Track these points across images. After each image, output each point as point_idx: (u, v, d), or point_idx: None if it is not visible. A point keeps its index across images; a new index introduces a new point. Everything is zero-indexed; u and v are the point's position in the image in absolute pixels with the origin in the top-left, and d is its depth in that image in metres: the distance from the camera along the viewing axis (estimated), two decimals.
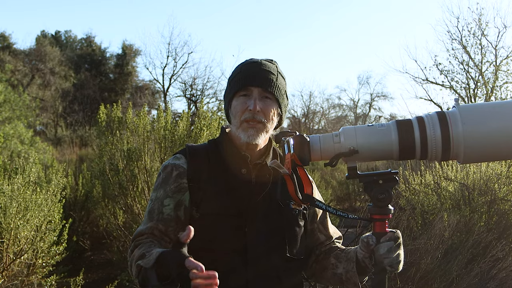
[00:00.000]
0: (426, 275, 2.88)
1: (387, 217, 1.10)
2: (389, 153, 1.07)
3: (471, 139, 1.01)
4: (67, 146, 12.16)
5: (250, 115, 1.19)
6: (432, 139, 1.03)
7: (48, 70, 19.41)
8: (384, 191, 1.08)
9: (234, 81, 1.25)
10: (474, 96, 10.12)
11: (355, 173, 1.10)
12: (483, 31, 10.30)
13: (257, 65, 1.24)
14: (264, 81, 1.21)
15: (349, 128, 1.09)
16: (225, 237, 1.18)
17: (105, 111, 4.06)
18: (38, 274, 3.22)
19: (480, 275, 2.95)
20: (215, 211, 1.19)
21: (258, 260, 1.18)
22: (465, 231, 3.16)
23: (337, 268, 1.26)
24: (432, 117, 1.04)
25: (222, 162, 1.25)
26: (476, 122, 1.02)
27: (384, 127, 1.08)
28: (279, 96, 1.23)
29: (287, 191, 1.22)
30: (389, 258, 1.07)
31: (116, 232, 4.05)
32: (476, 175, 3.51)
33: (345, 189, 7.44)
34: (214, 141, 1.31)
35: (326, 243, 1.34)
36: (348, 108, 27.75)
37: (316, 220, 1.34)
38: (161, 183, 1.25)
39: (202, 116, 3.64)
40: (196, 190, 1.21)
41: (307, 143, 1.09)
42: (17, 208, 3.00)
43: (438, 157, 1.05)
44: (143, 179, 3.71)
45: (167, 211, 1.21)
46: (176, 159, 1.27)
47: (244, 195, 1.21)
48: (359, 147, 1.07)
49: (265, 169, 1.24)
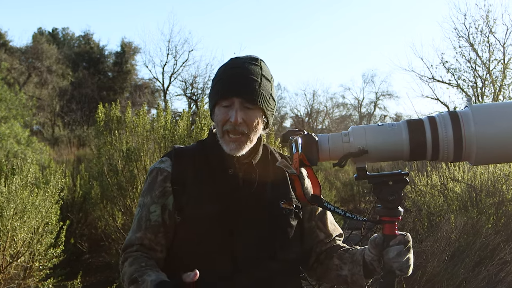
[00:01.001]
0: (433, 278, 2.87)
1: (396, 219, 1.08)
2: (400, 154, 1.06)
3: (483, 140, 0.99)
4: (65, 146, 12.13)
5: (231, 127, 1.16)
6: (444, 139, 1.01)
7: (45, 68, 19.32)
8: (394, 193, 1.07)
9: (216, 88, 1.21)
10: (481, 95, 10.05)
11: (364, 174, 1.08)
12: (490, 29, 10.17)
13: (239, 72, 1.18)
14: (245, 91, 1.16)
15: (359, 128, 1.08)
16: (213, 242, 1.15)
17: (103, 110, 4.03)
18: (35, 277, 3.23)
19: (488, 279, 2.94)
20: (201, 215, 1.16)
21: (248, 265, 1.15)
22: (472, 233, 3.16)
23: (342, 270, 1.22)
24: (444, 117, 1.03)
25: (208, 163, 1.23)
26: (489, 122, 1.00)
27: (394, 127, 1.06)
28: (263, 103, 1.18)
29: (282, 190, 1.23)
30: (398, 262, 1.05)
31: (115, 234, 4.03)
32: (484, 176, 3.50)
33: (349, 190, 7.40)
34: (202, 142, 1.30)
35: (326, 241, 1.30)
36: (353, 107, 27.58)
37: (314, 217, 1.30)
38: (147, 188, 1.24)
39: (203, 115, 3.63)
40: (180, 194, 1.19)
41: (316, 142, 1.07)
42: (14, 209, 2.99)
43: (450, 158, 1.03)
44: (143, 180, 3.70)
45: (154, 217, 1.20)
46: (161, 163, 1.25)
47: (232, 196, 1.18)
48: (368, 147, 1.05)
49: (252, 168, 1.22)
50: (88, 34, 23.73)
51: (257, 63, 1.22)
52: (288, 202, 1.22)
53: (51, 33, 23.75)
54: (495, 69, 10.21)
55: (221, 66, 1.24)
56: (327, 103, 27.01)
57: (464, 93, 10.38)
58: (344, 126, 23.74)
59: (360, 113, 26.82)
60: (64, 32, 24.52)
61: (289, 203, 1.22)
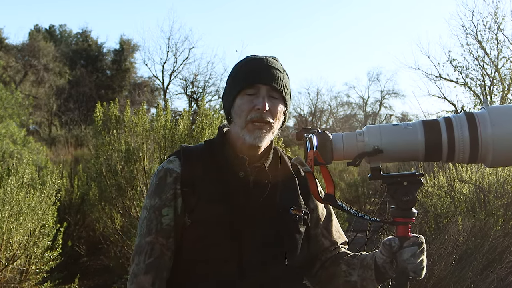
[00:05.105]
0: (440, 281, 2.86)
1: (410, 220, 1.08)
2: (415, 154, 1.06)
3: (500, 142, 0.99)
4: (62, 146, 12.05)
5: (258, 115, 1.14)
6: (460, 140, 1.01)
7: (41, 66, 19.20)
8: (409, 193, 1.07)
9: (238, 78, 1.19)
10: (490, 94, 9.94)
11: (379, 174, 1.08)
12: (499, 25, 9.96)
13: (263, 62, 1.19)
14: (272, 78, 1.17)
15: (374, 127, 1.08)
16: (220, 246, 1.13)
17: (101, 109, 3.99)
18: (31, 281, 3.22)
19: (496, 282, 2.95)
20: (209, 218, 1.14)
21: (255, 270, 1.13)
22: (480, 236, 3.16)
23: (351, 276, 1.21)
24: (460, 118, 1.02)
25: (218, 165, 1.20)
26: (506, 124, 0.99)
27: (410, 127, 1.06)
28: (286, 94, 1.20)
29: (291, 196, 1.23)
30: (413, 264, 1.04)
31: (113, 236, 3.99)
32: (492, 177, 3.50)
33: (354, 191, 7.36)
34: (210, 142, 1.26)
35: (331, 249, 1.29)
36: (357, 106, 27.31)
37: (319, 225, 1.29)
38: (155, 189, 1.20)
39: (204, 114, 3.60)
40: (190, 196, 1.16)
41: (330, 141, 1.07)
42: (9, 211, 2.96)
43: (465, 159, 1.03)
44: (142, 181, 3.65)
45: (166, 221, 1.16)
46: (170, 163, 1.21)
47: (241, 200, 1.16)
48: (383, 147, 1.05)
49: (263, 172, 1.20)
50: (86, 31, 23.62)
51: (277, 60, 1.24)
52: (297, 209, 1.21)
53: (48, 30, 23.62)
54: (503, 67, 10.04)
55: (238, 62, 1.24)
56: (331, 102, 26.81)
57: (472, 92, 10.26)
58: (348, 125, 23.68)
59: (365, 112, 26.68)
60: (62, 29, 24.41)
61: (298, 209, 1.21)
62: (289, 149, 3.59)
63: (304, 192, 1.24)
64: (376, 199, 5.08)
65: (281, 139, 3.42)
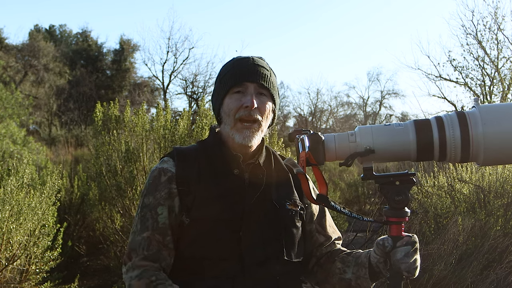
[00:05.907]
0: (440, 282, 2.84)
1: (403, 220, 1.09)
2: (407, 154, 1.06)
3: (491, 141, 1.00)
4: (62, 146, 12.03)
5: (246, 112, 1.16)
6: (451, 140, 1.02)
7: (41, 66, 19.19)
8: (401, 193, 1.08)
9: (225, 78, 1.21)
10: (490, 94, 9.92)
11: (371, 174, 1.09)
12: (499, 25, 9.95)
13: (249, 61, 1.21)
14: (259, 76, 1.19)
15: (365, 127, 1.08)
16: (219, 243, 1.14)
17: (101, 109, 3.99)
18: (31, 281, 3.20)
19: (496, 282, 2.92)
20: (207, 216, 1.15)
21: (255, 266, 1.14)
22: (480, 236, 3.15)
23: (346, 273, 1.22)
24: (452, 117, 1.03)
25: (212, 164, 1.21)
26: (497, 122, 1.00)
27: (401, 127, 1.06)
28: (273, 92, 1.22)
29: (286, 191, 1.23)
30: (406, 263, 1.05)
31: (113, 236, 3.98)
32: (492, 176, 3.48)
33: (354, 191, 7.35)
34: (202, 142, 1.28)
35: (326, 244, 1.31)
36: (357, 106, 27.38)
37: (314, 220, 1.31)
38: (149, 189, 1.20)
39: (204, 114, 3.60)
40: (186, 195, 1.17)
41: (322, 142, 1.08)
42: (9, 211, 2.95)
43: (457, 158, 1.04)
44: (142, 181, 3.65)
45: (162, 219, 1.16)
46: (164, 163, 1.23)
47: (238, 197, 1.18)
48: (375, 147, 1.05)
49: (258, 169, 1.22)
50: (86, 31, 23.61)
51: (263, 59, 1.25)
52: (293, 204, 1.22)
53: (48, 30, 23.62)
54: (503, 67, 10.02)
55: (225, 63, 1.25)
56: (331, 102, 26.94)
57: (472, 92, 10.22)
58: (348, 125, 23.67)
59: (365, 112, 26.73)
60: (62, 29, 24.40)
61: (294, 204, 1.22)
62: (289, 149, 3.58)
63: (298, 188, 1.26)
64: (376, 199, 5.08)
65: (281, 139, 3.41)
